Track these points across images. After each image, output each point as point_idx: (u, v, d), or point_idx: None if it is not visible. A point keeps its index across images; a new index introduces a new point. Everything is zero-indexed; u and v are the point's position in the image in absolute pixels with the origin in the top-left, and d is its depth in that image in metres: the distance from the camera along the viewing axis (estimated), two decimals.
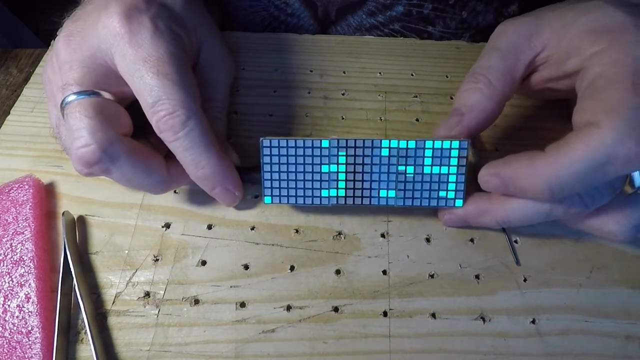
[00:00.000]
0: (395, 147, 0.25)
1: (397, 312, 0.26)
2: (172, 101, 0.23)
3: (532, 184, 0.22)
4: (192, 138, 0.24)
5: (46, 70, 0.27)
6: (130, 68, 0.24)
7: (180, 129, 0.24)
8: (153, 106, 0.24)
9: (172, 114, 0.23)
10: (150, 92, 0.23)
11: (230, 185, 0.27)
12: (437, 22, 0.39)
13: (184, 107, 0.24)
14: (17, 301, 0.25)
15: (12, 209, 0.27)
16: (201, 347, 0.25)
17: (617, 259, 0.27)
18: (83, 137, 0.23)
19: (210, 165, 0.25)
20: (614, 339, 0.25)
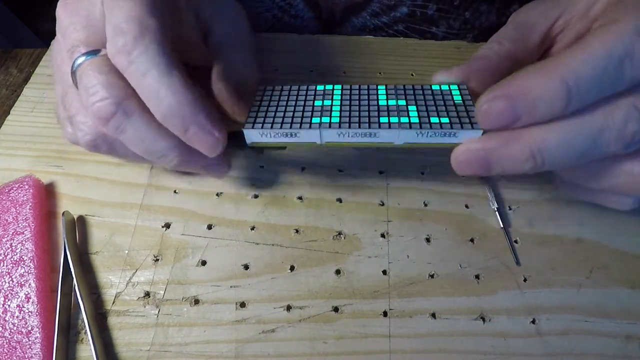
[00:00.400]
0: (392, 88, 0.24)
1: (397, 312, 0.26)
2: (125, 17, 0.21)
3: (546, 88, 0.18)
4: (147, 59, 0.21)
5: (52, 46, 0.26)
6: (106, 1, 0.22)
7: (133, 47, 0.20)
8: (109, 29, 0.21)
9: (123, 31, 0.20)
10: (112, 16, 0.21)
11: (206, 121, 0.22)
12: (441, 23, 0.39)
13: (138, 22, 0.20)
14: (17, 301, 0.25)
15: (12, 209, 0.27)
16: (201, 347, 0.25)
17: (617, 259, 0.27)
18: (98, 92, 0.22)
19: (173, 94, 0.21)
20: (614, 339, 0.25)
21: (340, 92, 0.24)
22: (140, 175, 0.30)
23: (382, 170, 0.31)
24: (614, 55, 0.18)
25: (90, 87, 0.22)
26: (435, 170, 0.31)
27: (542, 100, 0.19)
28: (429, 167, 0.31)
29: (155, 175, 0.30)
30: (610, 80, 0.18)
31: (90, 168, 0.31)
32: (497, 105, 0.19)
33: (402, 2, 0.37)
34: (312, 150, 0.31)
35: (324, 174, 0.31)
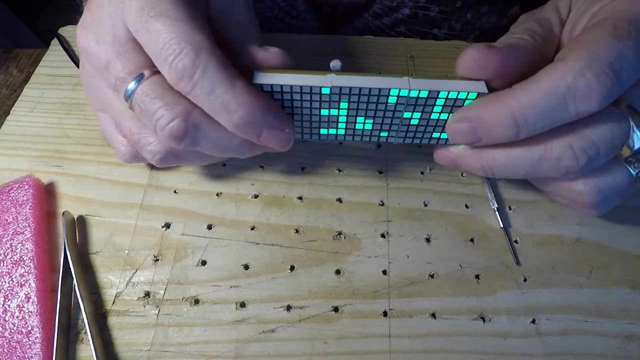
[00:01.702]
0: (404, 96, 0.24)
1: (397, 312, 0.26)
2: (176, 39, 0.21)
3: (498, 118, 0.21)
4: (210, 77, 0.21)
5: (84, 79, 0.26)
6: (135, 25, 0.22)
7: (193, 70, 0.21)
8: (161, 54, 0.21)
9: (179, 54, 0.21)
10: (156, 40, 0.21)
11: (276, 121, 0.23)
12: (443, 25, 0.39)
13: (190, 43, 0.21)
14: (17, 301, 0.25)
15: (12, 209, 0.27)
16: (201, 347, 0.25)
17: (617, 259, 0.27)
18: (165, 115, 0.22)
19: (242, 104, 0.21)
20: (614, 339, 0.25)
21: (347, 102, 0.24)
22: (140, 175, 0.30)
23: (382, 170, 0.31)
24: (557, 93, 0.20)
25: (154, 113, 0.22)
26: (435, 170, 0.31)
27: (496, 128, 0.22)
28: (428, 167, 0.31)
29: (155, 175, 0.30)
30: (555, 114, 0.20)
31: (90, 168, 0.31)
32: (462, 127, 0.23)
33: (403, 4, 0.37)
34: (312, 150, 0.31)
35: (324, 174, 0.31)
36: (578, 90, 0.20)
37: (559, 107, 0.20)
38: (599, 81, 0.19)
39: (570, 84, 0.20)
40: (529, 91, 0.21)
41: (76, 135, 0.32)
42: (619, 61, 0.19)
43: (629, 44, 0.20)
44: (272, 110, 0.23)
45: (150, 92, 0.22)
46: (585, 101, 0.20)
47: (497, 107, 0.21)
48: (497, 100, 0.21)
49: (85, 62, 0.25)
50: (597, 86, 0.19)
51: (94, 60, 0.24)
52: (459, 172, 0.30)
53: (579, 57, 0.20)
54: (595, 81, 0.19)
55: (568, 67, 0.20)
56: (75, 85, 0.35)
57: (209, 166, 0.31)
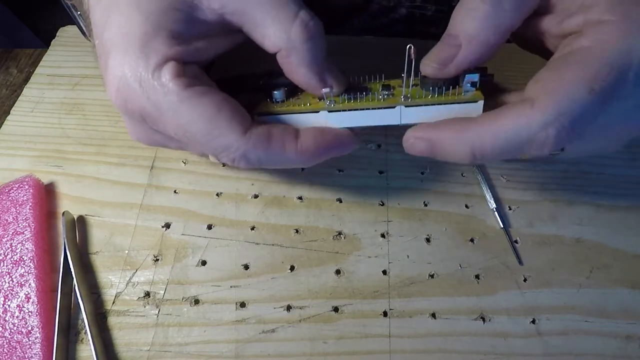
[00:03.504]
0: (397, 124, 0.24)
1: (397, 312, 0.26)
2: (225, 153, 0.22)
3: (457, 148, 0.22)
4: (267, 161, 0.23)
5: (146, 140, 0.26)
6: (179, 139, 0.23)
7: (251, 165, 0.23)
8: (217, 159, 0.24)
9: (234, 160, 0.22)
10: (205, 149, 0.23)
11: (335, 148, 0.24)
12: (441, 24, 0.39)
13: (236, 151, 0.22)
14: (17, 301, 0.25)
15: (12, 209, 0.27)
16: (201, 347, 0.25)
17: (617, 259, 0.27)
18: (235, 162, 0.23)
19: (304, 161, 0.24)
20: (614, 339, 0.25)
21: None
22: (140, 175, 0.30)
23: (382, 170, 0.31)
24: (517, 140, 0.20)
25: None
26: (435, 170, 0.31)
27: (452, 156, 0.22)
28: (428, 167, 0.31)
29: (155, 175, 0.30)
30: (509, 154, 0.21)
31: (90, 168, 0.31)
32: (419, 145, 0.23)
33: (401, 4, 0.37)
34: None
35: (324, 174, 0.31)
36: (537, 141, 0.20)
37: (515, 151, 0.21)
38: (557, 137, 0.20)
39: (532, 135, 0.20)
40: (492, 130, 0.21)
41: (76, 135, 0.32)
42: (583, 118, 0.20)
43: (596, 100, 0.20)
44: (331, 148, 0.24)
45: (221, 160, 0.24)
46: (539, 150, 0.21)
47: (458, 138, 0.22)
48: (460, 132, 0.22)
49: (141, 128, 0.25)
50: (553, 140, 0.20)
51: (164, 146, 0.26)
52: (459, 172, 0.30)
53: (547, 109, 0.20)
54: (554, 137, 0.20)
55: (534, 118, 0.20)
56: (75, 85, 0.35)
57: (210, 166, 0.31)
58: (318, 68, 0.23)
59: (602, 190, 0.30)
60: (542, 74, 0.22)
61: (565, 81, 0.20)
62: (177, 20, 0.21)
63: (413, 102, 0.23)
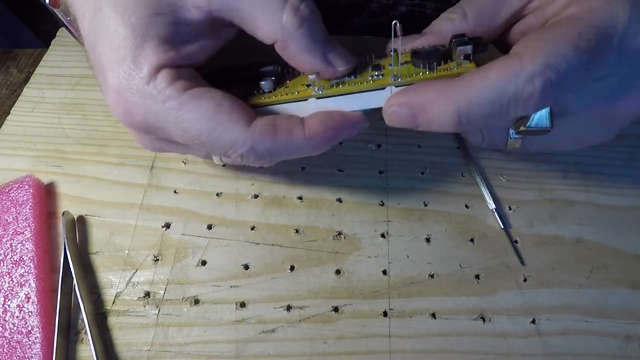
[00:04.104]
0: None
1: (397, 312, 0.26)
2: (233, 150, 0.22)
3: (442, 111, 0.21)
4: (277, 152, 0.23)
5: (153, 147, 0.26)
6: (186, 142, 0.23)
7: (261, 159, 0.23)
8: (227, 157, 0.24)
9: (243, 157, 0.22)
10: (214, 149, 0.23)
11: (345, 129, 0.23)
12: None
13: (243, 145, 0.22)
14: (17, 301, 0.25)
15: (12, 209, 0.27)
16: (201, 347, 0.25)
17: (617, 259, 0.27)
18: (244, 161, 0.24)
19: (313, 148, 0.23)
20: (614, 339, 0.25)
21: None
22: (140, 175, 0.30)
23: (382, 170, 0.31)
24: (505, 95, 0.20)
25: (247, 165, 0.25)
26: (435, 170, 0.31)
27: (437, 120, 0.21)
28: (428, 167, 0.31)
29: (155, 175, 0.30)
30: (495, 114, 0.21)
31: (90, 168, 0.31)
32: (402, 112, 0.22)
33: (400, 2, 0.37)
34: None
35: (324, 174, 0.31)
36: (523, 95, 0.20)
37: (502, 108, 0.20)
38: (543, 89, 0.19)
39: (518, 88, 0.20)
40: (478, 87, 0.20)
41: (76, 135, 0.32)
42: (567, 72, 0.19)
43: (583, 58, 0.20)
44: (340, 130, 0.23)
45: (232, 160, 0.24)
46: (524, 107, 0.20)
47: (443, 99, 0.21)
48: (445, 92, 0.21)
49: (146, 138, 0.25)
50: (540, 94, 0.20)
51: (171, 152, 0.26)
52: (459, 172, 0.30)
53: (534, 61, 0.19)
54: (540, 89, 0.19)
55: (521, 69, 0.19)
56: (75, 85, 0.35)
57: (210, 166, 0.31)
58: (319, 51, 0.22)
59: (602, 190, 0.30)
60: (529, 36, 0.21)
61: (552, 38, 0.20)
62: (164, 25, 0.21)
63: (403, 81, 0.22)
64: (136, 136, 0.25)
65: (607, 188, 0.30)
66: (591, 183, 0.30)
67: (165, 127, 0.22)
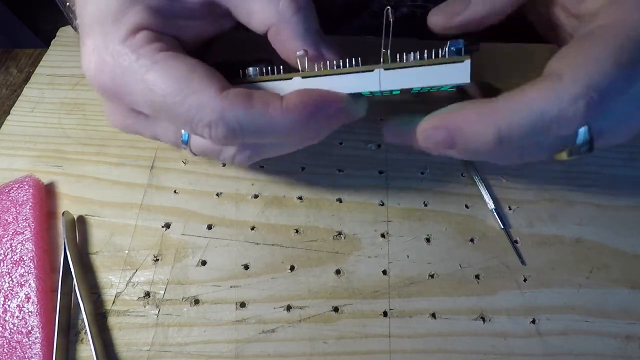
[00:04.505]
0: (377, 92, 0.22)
1: (397, 312, 0.26)
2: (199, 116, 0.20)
3: (481, 132, 0.20)
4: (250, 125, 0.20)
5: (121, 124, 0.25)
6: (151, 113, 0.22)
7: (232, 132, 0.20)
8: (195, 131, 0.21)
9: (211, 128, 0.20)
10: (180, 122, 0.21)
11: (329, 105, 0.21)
12: None
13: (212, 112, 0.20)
14: (17, 301, 0.25)
15: (12, 209, 0.27)
16: (201, 347, 0.25)
17: (617, 259, 0.27)
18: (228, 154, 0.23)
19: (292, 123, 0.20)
20: (614, 339, 0.25)
21: None
22: (140, 175, 0.30)
23: (382, 170, 0.31)
24: (546, 115, 0.19)
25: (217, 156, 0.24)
26: (435, 170, 0.31)
27: (476, 142, 0.21)
28: (428, 167, 0.31)
29: (155, 175, 0.30)
30: (536, 135, 0.20)
31: (90, 168, 0.31)
32: (438, 135, 0.21)
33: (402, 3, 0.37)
34: (312, 150, 0.31)
35: (324, 174, 0.31)
36: (567, 116, 0.19)
37: (543, 129, 0.20)
38: (586, 110, 0.19)
39: (562, 111, 0.19)
40: (519, 108, 0.20)
41: (76, 135, 0.32)
42: (611, 92, 0.19)
43: (625, 74, 0.19)
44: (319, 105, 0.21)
45: (202, 147, 0.23)
46: (567, 127, 0.20)
47: (482, 121, 0.20)
48: (483, 113, 0.20)
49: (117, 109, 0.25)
50: (582, 114, 0.19)
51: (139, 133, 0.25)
52: (459, 172, 0.30)
53: (576, 82, 0.19)
54: (583, 110, 0.19)
55: (564, 92, 0.19)
56: (75, 85, 0.35)
57: (210, 166, 0.31)
58: (312, 38, 0.22)
59: (602, 190, 0.30)
60: (565, 51, 0.21)
61: (592, 55, 0.19)
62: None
63: (393, 64, 0.22)
64: (106, 107, 0.25)
65: (607, 188, 0.30)
66: (591, 183, 0.30)
67: (131, 89, 0.21)
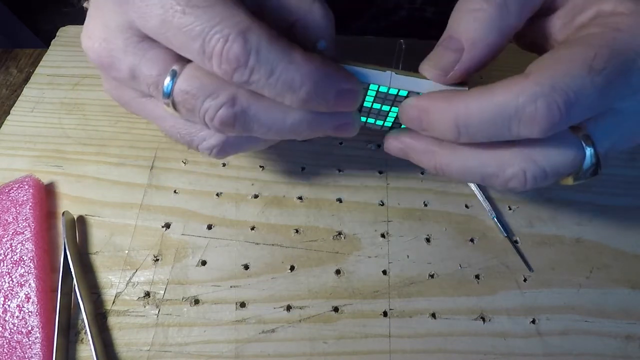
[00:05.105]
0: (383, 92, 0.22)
1: (397, 312, 0.26)
2: (218, 27, 0.18)
3: (441, 118, 0.20)
4: (266, 58, 0.18)
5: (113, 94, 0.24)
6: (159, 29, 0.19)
7: (246, 56, 0.18)
8: (204, 50, 0.18)
9: (226, 43, 0.18)
10: (193, 37, 0.18)
11: (339, 79, 0.20)
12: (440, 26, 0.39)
13: (233, 26, 0.18)
14: (17, 301, 0.25)
15: (12, 209, 0.27)
16: (201, 347, 0.25)
17: (617, 259, 0.27)
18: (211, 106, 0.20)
19: (307, 75, 0.19)
20: (614, 339, 0.25)
21: None
22: (140, 175, 0.30)
23: (382, 170, 0.31)
24: (504, 113, 0.19)
25: (200, 107, 0.21)
26: None
27: (437, 126, 0.21)
28: None
29: (155, 175, 0.30)
30: (497, 131, 0.20)
31: (90, 168, 0.31)
32: (411, 112, 0.22)
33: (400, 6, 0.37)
34: (312, 150, 0.31)
35: (324, 174, 0.31)
36: (524, 115, 0.19)
37: (503, 126, 0.19)
38: (548, 111, 0.18)
39: (519, 108, 0.19)
40: (480, 101, 0.19)
41: (76, 135, 0.32)
42: (578, 97, 0.18)
43: (597, 81, 0.18)
44: (337, 72, 0.20)
45: (189, 87, 0.20)
46: (529, 128, 0.19)
47: (444, 106, 0.20)
48: (447, 100, 0.20)
49: (106, 77, 0.23)
50: (543, 116, 0.18)
51: (115, 73, 0.22)
52: None
53: (540, 81, 0.18)
54: (544, 111, 0.18)
55: (524, 88, 0.19)
56: (75, 85, 0.35)
57: (210, 166, 0.31)
58: None
59: (602, 190, 0.30)
60: (544, 55, 0.20)
61: (565, 58, 0.19)
62: None
63: (404, 72, 0.22)
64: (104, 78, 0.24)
65: (607, 188, 0.30)
66: (591, 183, 0.30)
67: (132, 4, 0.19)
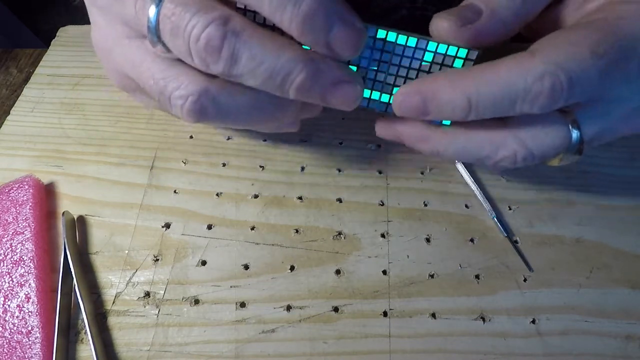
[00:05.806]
0: (391, 41, 0.22)
1: (397, 312, 0.26)
2: None
3: (453, 97, 0.20)
4: None
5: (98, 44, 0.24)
6: None
7: None
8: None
9: None
10: None
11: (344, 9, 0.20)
12: None
13: None
14: (17, 301, 0.25)
15: (12, 209, 0.27)
16: (201, 347, 0.25)
17: (617, 259, 0.27)
18: (199, 22, 0.19)
19: None
20: (614, 339, 0.25)
21: None
22: (140, 175, 0.30)
23: (382, 170, 0.31)
24: (513, 90, 0.19)
25: (187, 23, 0.19)
26: (435, 170, 0.31)
27: (448, 106, 0.21)
28: (429, 167, 0.31)
29: (155, 175, 0.30)
30: (503, 108, 0.20)
31: (90, 168, 0.31)
32: (412, 100, 0.21)
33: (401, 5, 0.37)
34: (312, 150, 0.31)
35: (324, 174, 0.31)
36: (531, 93, 0.19)
37: (510, 103, 0.20)
38: (551, 90, 0.19)
39: (527, 86, 0.19)
40: (488, 78, 0.20)
41: (76, 135, 0.32)
42: (579, 78, 0.19)
43: (600, 65, 0.19)
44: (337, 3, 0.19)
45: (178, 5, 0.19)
46: (531, 104, 0.20)
47: (454, 86, 0.20)
48: (455, 80, 0.21)
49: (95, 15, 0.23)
50: (547, 94, 0.19)
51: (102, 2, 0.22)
52: (460, 172, 0.30)
53: (547, 60, 0.19)
54: (549, 89, 0.19)
55: (532, 67, 0.19)
56: (75, 85, 0.35)
57: (210, 166, 0.31)
58: None
59: (602, 190, 0.30)
60: (549, 35, 0.21)
61: (571, 39, 0.20)
62: None
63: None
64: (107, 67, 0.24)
65: (607, 188, 0.30)
66: (591, 183, 0.30)
67: None
